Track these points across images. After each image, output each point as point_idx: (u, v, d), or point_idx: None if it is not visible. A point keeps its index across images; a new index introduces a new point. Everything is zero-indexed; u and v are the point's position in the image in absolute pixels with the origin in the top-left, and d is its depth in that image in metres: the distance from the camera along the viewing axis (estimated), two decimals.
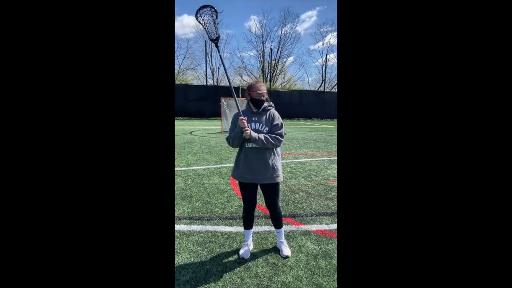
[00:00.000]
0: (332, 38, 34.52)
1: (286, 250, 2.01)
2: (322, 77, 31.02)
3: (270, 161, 1.87)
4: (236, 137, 1.84)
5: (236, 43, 52.25)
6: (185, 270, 1.82)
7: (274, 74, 32.81)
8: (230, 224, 2.53)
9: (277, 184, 1.94)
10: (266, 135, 1.81)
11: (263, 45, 33.55)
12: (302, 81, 42.93)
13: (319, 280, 1.72)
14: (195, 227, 2.46)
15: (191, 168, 4.81)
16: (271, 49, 30.67)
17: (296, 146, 7.59)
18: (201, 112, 22.03)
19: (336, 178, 4.17)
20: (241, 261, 1.93)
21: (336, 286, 1.66)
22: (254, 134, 1.79)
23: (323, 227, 2.49)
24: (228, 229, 2.44)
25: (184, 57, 33.67)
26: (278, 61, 33.36)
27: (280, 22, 48.76)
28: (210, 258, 1.97)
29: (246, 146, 1.86)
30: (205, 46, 25.76)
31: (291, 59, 53.21)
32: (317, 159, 5.82)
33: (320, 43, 60.76)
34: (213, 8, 1.77)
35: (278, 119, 1.92)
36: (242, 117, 1.80)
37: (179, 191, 3.49)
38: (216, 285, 1.67)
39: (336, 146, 7.86)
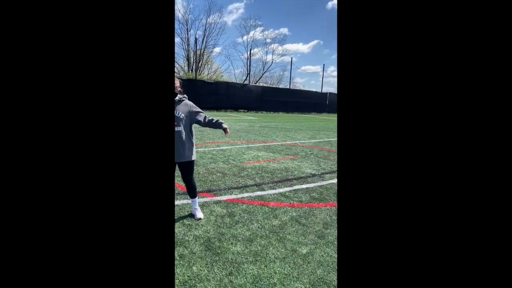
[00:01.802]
0: (255, 33, 35.98)
1: (199, 214, 2.52)
2: (247, 71, 32.35)
3: (186, 143, 2.31)
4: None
5: None
6: None
7: (200, 64, 32.31)
8: None
9: (192, 162, 2.41)
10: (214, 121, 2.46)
11: (187, 33, 32.46)
12: (229, 73, 43.59)
13: (223, 231, 2.30)
14: None
15: None
16: (196, 38, 30.02)
17: (220, 135, 8.12)
18: None
19: (249, 161, 4.90)
20: None
21: (235, 233, 2.27)
22: None
23: (232, 196, 3.10)
24: None
25: None
26: (204, 50, 32.94)
27: (204, 11, 47.64)
28: None
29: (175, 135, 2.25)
30: None
31: (217, 49, 52.87)
32: (237, 146, 6.49)
33: (245, 37, 62.28)
34: None
35: (196, 107, 2.42)
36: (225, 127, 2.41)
37: None
38: None
39: (254, 135, 8.75)
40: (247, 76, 31.76)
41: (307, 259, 1.95)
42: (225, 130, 2.48)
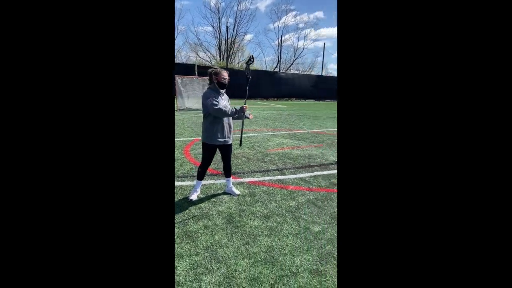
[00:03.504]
0: (287, 19, 35.07)
1: (237, 191, 2.82)
2: (278, 58, 31.91)
3: (231, 128, 2.71)
4: (231, 113, 2.55)
5: (191, 17, 49.62)
6: None
7: (231, 53, 32.61)
8: (182, 180, 3.21)
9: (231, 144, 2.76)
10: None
11: (219, 22, 32.80)
12: (259, 61, 43.38)
13: (243, 208, 2.54)
14: None
15: None
16: (227, 26, 30.23)
17: (247, 123, 8.36)
18: None
19: (273, 147, 5.07)
20: (190, 202, 2.65)
21: (254, 210, 2.50)
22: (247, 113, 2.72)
23: (254, 179, 3.33)
24: (181, 183, 3.12)
25: None
26: (234, 39, 33.10)
27: None
28: None
29: (225, 119, 2.60)
30: None
31: (248, 37, 52.74)
32: (263, 134, 6.68)
33: (277, 23, 60.95)
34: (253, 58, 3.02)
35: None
36: (245, 106, 2.63)
37: None
38: None
39: (281, 123, 8.82)
40: (278, 63, 31.39)
41: (318, 236, 2.11)
42: (243, 116, 2.71)
